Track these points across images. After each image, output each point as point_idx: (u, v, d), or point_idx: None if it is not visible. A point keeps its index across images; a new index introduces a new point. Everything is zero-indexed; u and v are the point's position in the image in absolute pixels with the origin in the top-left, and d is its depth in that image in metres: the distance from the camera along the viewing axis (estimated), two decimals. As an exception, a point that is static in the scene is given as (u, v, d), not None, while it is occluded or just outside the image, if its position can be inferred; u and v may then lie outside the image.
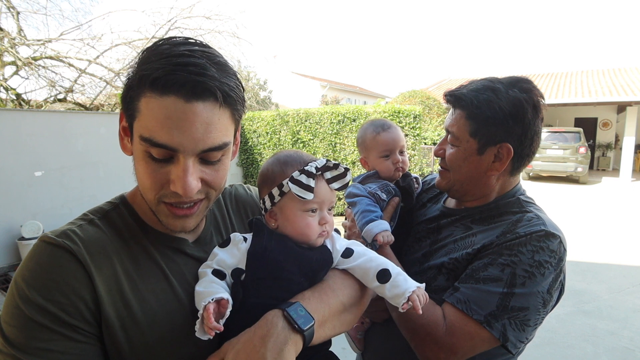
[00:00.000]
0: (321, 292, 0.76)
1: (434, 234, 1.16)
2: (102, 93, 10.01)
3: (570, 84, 16.26)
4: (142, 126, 0.64)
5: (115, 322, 0.66)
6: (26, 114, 5.75)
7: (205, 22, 10.58)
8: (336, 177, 0.79)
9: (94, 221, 0.73)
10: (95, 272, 0.66)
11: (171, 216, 0.70)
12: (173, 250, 0.78)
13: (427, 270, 1.08)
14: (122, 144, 0.74)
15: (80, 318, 0.63)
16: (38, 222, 5.23)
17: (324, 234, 0.81)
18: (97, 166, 6.01)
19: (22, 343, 0.61)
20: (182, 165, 0.65)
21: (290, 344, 0.64)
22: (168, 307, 0.72)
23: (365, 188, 1.22)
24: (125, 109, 0.68)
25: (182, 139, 0.63)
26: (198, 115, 0.63)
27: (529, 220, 0.97)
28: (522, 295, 0.89)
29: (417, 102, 13.78)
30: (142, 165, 0.67)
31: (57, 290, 0.63)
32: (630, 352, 3.26)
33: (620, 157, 14.05)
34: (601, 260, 5.49)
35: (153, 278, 0.72)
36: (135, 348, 0.67)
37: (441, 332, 0.90)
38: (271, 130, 9.48)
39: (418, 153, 8.24)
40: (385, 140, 1.26)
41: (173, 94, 0.62)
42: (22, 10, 8.79)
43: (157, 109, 0.62)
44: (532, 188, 11.85)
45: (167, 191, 0.67)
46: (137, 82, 0.64)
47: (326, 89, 25.33)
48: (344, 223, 1.28)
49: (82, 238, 0.68)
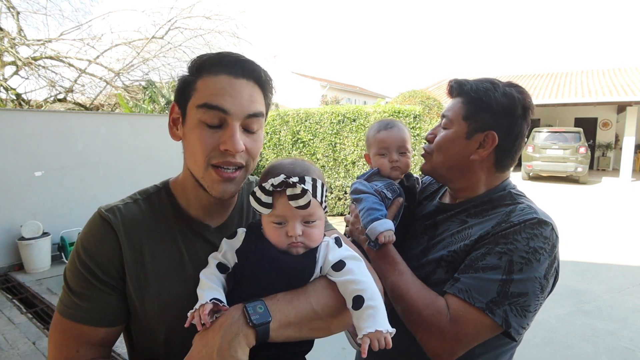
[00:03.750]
0: (293, 295, 0.79)
1: (431, 229, 1.18)
2: (102, 93, 10.02)
3: (570, 84, 16.27)
4: (198, 98, 0.79)
5: (135, 284, 0.83)
6: (26, 114, 5.75)
7: (205, 22, 10.60)
8: (295, 195, 0.78)
9: (138, 201, 0.90)
10: (125, 243, 0.83)
11: (217, 180, 0.82)
12: (195, 233, 0.90)
13: (426, 264, 1.09)
14: (171, 132, 0.88)
15: (110, 276, 0.82)
16: (38, 222, 5.22)
17: (295, 245, 0.81)
18: (97, 166, 6.00)
19: (73, 286, 0.82)
20: (232, 128, 0.79)
21: (241, 336, 0.71)
22: (176, 282, 0.85)
23: (371, 185, 1.22)
24: (179, 97, 0.84)
25: (232, 104, 0.78)
26: (244, 88, 0.80)
27: (521, 209, 1.01)
28: (521, 281, 0.92)
29: (417, 102, 13.76)
30: (196, 133, 0.80)
31: (97, 252, 0.82)
32: (630, 352, 3.26)
33: (620, 157, 14.06)
34: (601, 260, 5.50)
35: (171, 256, 0.86)
36: (146, 308, 0.83)
37: (445, 321, 0.93)
38: (271, 130, 9.49)
39: (418, 153, 8.24)
40: (383, 138, 1.28)
41: (225, 73, 0.79)
42: (22, 10, 8.80)
43: (212, 84, 0.79)
44: (532, 188, 11.85)
45: (216, 152, 0.80)
46: (195, 70, 0.81)
47: (326, 89, 25.34)
48: (346, 218, 1.29)
49: (123, 214, 0.85)
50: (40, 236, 5.19)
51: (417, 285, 1.02)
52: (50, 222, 5.42)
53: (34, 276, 5.04)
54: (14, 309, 4.16)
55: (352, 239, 1.20)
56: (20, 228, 5.12)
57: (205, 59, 0.81)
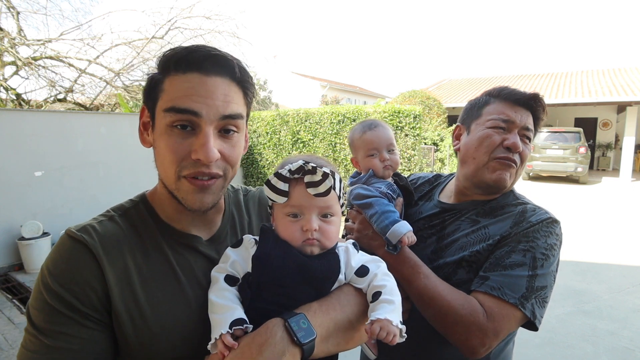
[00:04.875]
0: (329, 306, 0.73)
1: (439, 230, 1.18)
2: (102, 93, 10.01)
3: (570, 84, 16.27)
4: (165, 101, 0.70)
5: (123, 311, 0.70)
6: (26, 114, 5.74)
7: (205, 22, 10.59)
8: (315, 182, 0.75)
9: (113, 218, 0.78)
10: (107, 266, 0.70)
11: (190, 191, 0.73)
12: (185, 247, 0.80)
13: (444, 266, 1.10)
14: (141, 138, 0.79)
15: (91, 306, 0.68)
16: (38, 222, 5.22)
17: (310, 241, 0.77)
18: (97, 166, 6.00)
19: (41, 325, 0.67)
20: (204, 133, 0.70)
21: (288, 356, 0.63)
22: (173, 302, 0.74)
23: (375, 188, 1.19)
24: (147, 98, 0.75)
25: (203, 105, 0.69)
26: (218, 86, 0.70)
27: (533, 210, 1.10)
28: (543, 276, 1.00)
29: (417, 102, 13.77)
30: (165, 140, 0.71)
31: (72, 280, 0.68)
32: (630, 352, 3.26)
33: (620, 157, 14.05)
34: (601, 260, 5.49)
35: (162, 273, 0.75)
36: (140, 337, 0.70)
37: (483, 319, 0.95)
38: (271, 130, 9.48)
39: (418, 153, 8.24)
40: (371, 138, 1.27)
41: (195, 71, 0.70)
42: (22, 10, 8.80)
43: (180, 83, 0.69)
44: (532, 188, 11.85)
45: (187, 162, 0.71)
46: (161, 68, 0.72)
47: (326, 89, 25.33)
48: (347, 225, 1.23)
49: (99, 233, 0.73)
50: (40, 236, 5.19)
51: (446, 287, 1.01)
52: (50, 222, 5.41)
53: (34, 276, 5.01)
54: (14, 309, 4.16)
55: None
56: (20, 228, 5.12)
57: (171, 55, 0.71)
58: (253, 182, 10.12)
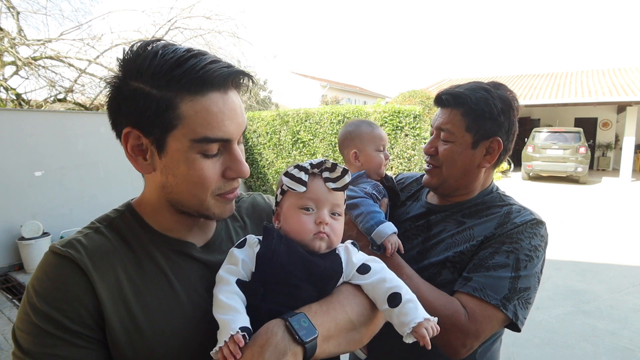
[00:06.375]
0: (329, 305, 0.73)
1: (425, 231, 1.19)
2: (102, 93, 10.00)
3: (570, 84, 16.26)
4: (191, 130, 0.66)
5: (118, 326, 0.67)
6: (26, 114, 5.75)
7: (205, 22, 10.60)
8: (334, 178, 0.79)
9: (99, 229, 0.74)
10: (97, 280, 0.67)
11: (221, 205, 0.75)
12: (179, 254, 0.77)
13: (429, 267, 1.10)
14: (135, 164, 0.72)
15: (83, 324, 0.65)
16: (38, 222, 5.23)
17: (321, 235, 0.78)
18: (97, 166, 6.00)
19: (29, 348, 0.63)
20: (236, 152, 0.71)
21: (290, 355, 0.62)
22: (170, 311, 0.72)
23: (360, 189, 1.20)
24: (145, 121, 0.67)
25: (233, 128, 0.69)
26: (236, 102, 0.70)
27: (518, 211, 1.10)
28: (526, 277, 1.00)
29: (417, 102, 13.76)
30: (193, 167, 0.68)
31: (61, 298, 0.65)
32: (630, 352, 3.26)
33: (620, 157, 14.04)
34: (601, 260, 5.49)
35: (156, 282, 0.73)
36: (137, 352, 0.67)
37: (464, 320, 0.95)
38: (271, 130, 9.48)
39: (418, 153, 8.24)
40: (381, 134, 1.35)
41: (215, 90, 0.66)
42: (22, 10, 8.80)
43: (204, 108, 0.65)
44: (532, 188, 11.86)
45: (221, 182, 0.72)
46: (164, 84, 0.64)
47: (326, 89, 25.32)
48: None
49: (86, 247, 0.70)
50: (40, 236, 5.19)
51: (428, 287, 1.02)
52: (50, 222, 5.42)
53: (34, 276, 5.04)
54: (14, 309, 4.16)
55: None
56: (20, 228, 5.12)
57: (181, 75, 0.63)
58: (253, 182, 10.12)
